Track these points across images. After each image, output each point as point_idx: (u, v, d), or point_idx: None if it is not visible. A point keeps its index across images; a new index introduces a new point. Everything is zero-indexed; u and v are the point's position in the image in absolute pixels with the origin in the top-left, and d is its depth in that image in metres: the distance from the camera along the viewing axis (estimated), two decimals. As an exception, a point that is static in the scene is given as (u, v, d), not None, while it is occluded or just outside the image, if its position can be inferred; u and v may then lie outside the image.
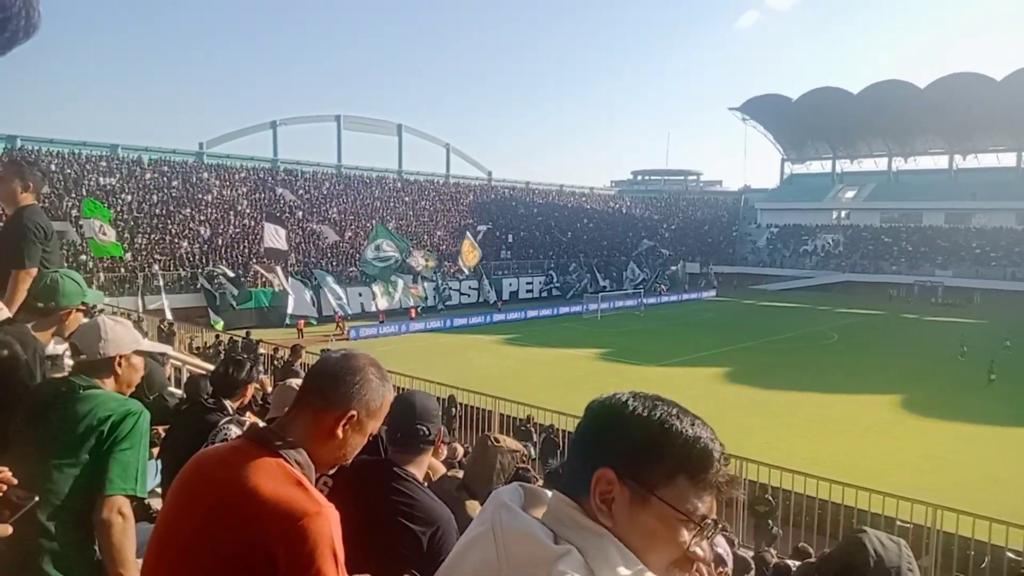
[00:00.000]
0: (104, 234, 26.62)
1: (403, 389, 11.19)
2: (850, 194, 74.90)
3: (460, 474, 3.35)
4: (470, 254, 44.60)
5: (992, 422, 21.23)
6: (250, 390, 3.75)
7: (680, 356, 31.00)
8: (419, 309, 41.24)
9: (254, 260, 38.66)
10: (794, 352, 33.10)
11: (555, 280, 53.01)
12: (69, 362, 4.07)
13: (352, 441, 1.55)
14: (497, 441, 3.24)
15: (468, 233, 47.63)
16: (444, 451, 2.54)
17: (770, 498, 8.51)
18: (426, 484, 2.42)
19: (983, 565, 7.92)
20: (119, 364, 2.40)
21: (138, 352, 2.48)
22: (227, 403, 3.60)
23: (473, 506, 2.78)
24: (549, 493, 1.01)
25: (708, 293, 59.34)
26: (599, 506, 0.95)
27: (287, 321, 35.14)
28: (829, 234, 69.17)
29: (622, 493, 0.95)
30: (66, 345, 3.00)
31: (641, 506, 0.95)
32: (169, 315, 28.48)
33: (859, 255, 64.29)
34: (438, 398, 11.50)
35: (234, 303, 35.21)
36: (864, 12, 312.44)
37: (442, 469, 4.46)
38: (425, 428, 2.31)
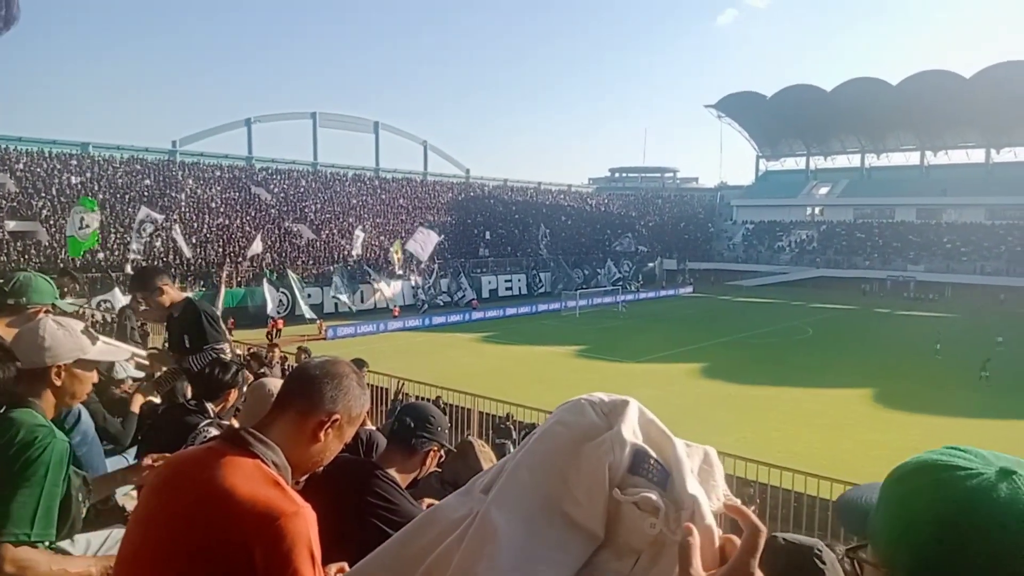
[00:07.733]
0: (85, 226, 25.51)
1: (405, 393, 11.10)
2: (824, 190, 75.81)
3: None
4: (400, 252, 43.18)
5: (965, 415, 21.58)
6: (233, 394, 3.60)
7: (657, 352, 31.17)
8: (400, 307, 40.99)
9: (228, 260, 38.24)
10: (769, 347, 33.47)
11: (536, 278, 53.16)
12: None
13: (331, 446, 1.56)
14: (483, 447, 3.31)
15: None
16: (431, 464, 2.57)
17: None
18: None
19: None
20: (57, 375, 2.15)
21: (83, 361, 2.22)
22: (208, 406, 3.46)
23: None
24: None
25: (685, 289, 59.71)
26: None
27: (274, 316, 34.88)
28: (803, 230, 70.00)
29: None
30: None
31: None
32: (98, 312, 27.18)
33: (833, 251, 65.14)
34: (420, 398, 11.47)
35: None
36: (838, 10, 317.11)
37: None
38: (414, 435, 2.41)
